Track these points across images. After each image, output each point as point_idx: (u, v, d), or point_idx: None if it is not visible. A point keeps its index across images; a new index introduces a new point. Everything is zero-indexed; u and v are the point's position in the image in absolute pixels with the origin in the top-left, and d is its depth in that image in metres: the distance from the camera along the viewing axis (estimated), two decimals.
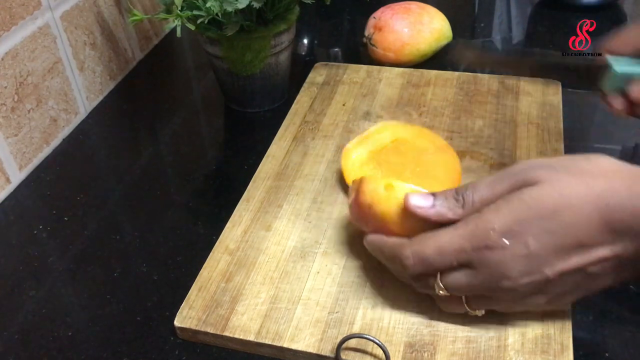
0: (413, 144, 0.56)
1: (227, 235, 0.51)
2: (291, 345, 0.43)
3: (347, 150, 0.55)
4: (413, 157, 0.55)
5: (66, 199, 0.59)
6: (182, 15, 0.57)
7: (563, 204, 0.35)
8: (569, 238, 0.36)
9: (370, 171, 0.54)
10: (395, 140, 0.56)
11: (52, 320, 0.48)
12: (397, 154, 0.55)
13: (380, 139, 0.56)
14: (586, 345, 0.43)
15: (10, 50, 0.58)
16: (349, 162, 0.54)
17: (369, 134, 0.57)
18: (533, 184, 0.37)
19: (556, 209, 0.35)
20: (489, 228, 0.37)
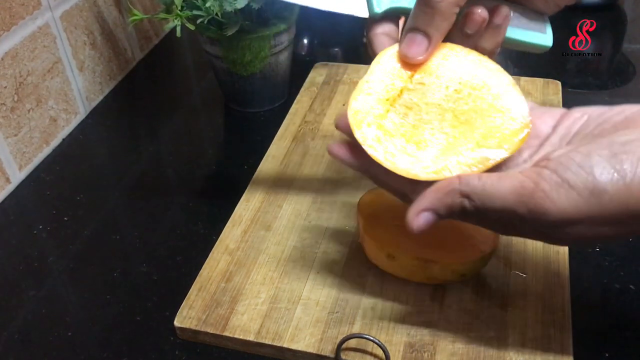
0: (442, 71, 0.37)
1: (227, 235, 0.51)
2: (291, 345, 0.43)
3: (354, 111, 0.37)
4: (447, 96, 0.36)
5: (66, 199, 0.59)
6: (182, 15, 0.57)
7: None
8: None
9: (393, 121, 0.36)
10: (412, 76, 0.37)
11: (52, 320, 0.48)
12: (422, 94, 0.37)
13: (390, 75, 0.38)
14: (586, 345, 0.43)
15: (10, 50, 0.58)
16: (360, 125, 0.36)
17: (371, 72, 0.38)
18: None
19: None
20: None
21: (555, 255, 0.47)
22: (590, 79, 0.71)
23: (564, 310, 0.43)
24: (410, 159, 0.34)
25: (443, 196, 0.33)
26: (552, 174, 0.30)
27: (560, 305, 0.44)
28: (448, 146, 0.35)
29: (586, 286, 0.47)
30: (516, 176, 0.31)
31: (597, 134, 0.33)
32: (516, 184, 0.31)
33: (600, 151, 0.30)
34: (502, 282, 0.46)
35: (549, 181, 0.30)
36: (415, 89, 0.36)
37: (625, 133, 0.31)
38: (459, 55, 0.37)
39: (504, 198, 0.31)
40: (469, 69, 0.37)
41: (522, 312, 0.43)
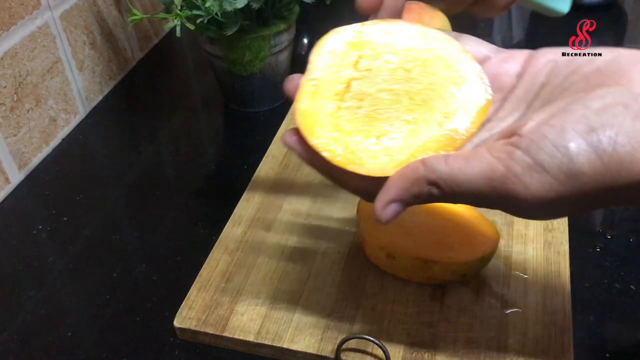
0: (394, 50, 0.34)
1: (227, 235, 0.51)
2: (291, 345, 0.42)
3: (302, 115, 0.33)
4: (398, 78, 0.33)
5: (65, 199, 0.59)
6: (182, 15, 0.57)
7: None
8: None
9: (346, 118, 0.32)
10: (357, 62, 0.34)
11: (52, 320, 0.48)
12: (372, 80, 0.33)
13: (334, 68, 0.34)
14: (587, 346, 0.43)
15: (9, 50, 0.57)
16: (312, 130, 0.32)
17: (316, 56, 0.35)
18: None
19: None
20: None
21: (555, 255, 0.47)
22: None
23: (565, 311, 0.43)
24: (374, 156, 0.31)
25: (409, 185, 0.30)
26: (524, 155, 0.27)
27: (560, 305, 0.44)
28: (410, 133, 0.32)
29: (587, 286, 0.47)
30: (485, 157, 0.28)
31: (567, 87, 0.30)
32: (485, 168, 0.28)
33: (575, 125, 0.27)
34: (503, 283, 0.45)
35: (521, 164, 0.27)
36: (363, 76, 0.33)
37: (599, 94, 0.28)
38: (401, 30, 0.34)
39: (473, 183, 0.28)
40: (415, 44, 0.34)
41: (522, 312, 0.43)
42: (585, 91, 0.29)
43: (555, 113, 0.28)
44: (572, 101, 0.28)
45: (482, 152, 0.29)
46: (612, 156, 0.26)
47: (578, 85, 0.30)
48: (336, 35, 0.35)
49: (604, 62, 0.30)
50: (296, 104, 0.32)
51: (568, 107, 0.28)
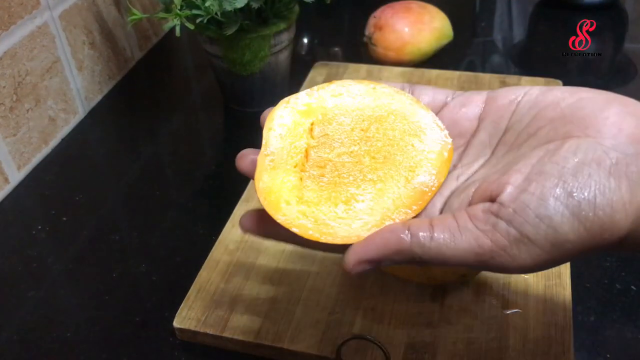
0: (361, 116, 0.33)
1: (227, 235, 0.51)
2: (291, 346, 0.42)
3: (265, 193, 0.31)
4: (355, 139, 0.33)
5: (65, 199, 0.59)
6: (182, 15, 0.57)
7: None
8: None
9: (310, 188, 0.31)
10: (312, 130, 0.33)
11: (51, 320, 0.47)
12: (330, 146, 0.33)
13: (288, 139, 0.34)
14: (587, 346, 0.43)
15: (9, 50, 0.57)
16: (278, 207, 0.31)
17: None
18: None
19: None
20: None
21: None
22: (592, 78, 0.71)
23: (565, 311, 0.43)
24: (346, 223, 0.30)
25: (391, 253, 0.29)
26: (508, 227, 0.27)
27: (561, 306, 0.43)
28: (378, 193, 0.31)
29: (587, 287, 0.47)
30: (470, 230, 0.28)
31: (533, 133, 0.30)
32: (473, 244, 0.27)
33: (554, 190, 0.26)
34: (503, 283, 0.45)
35: (506, 237, 0.27)
36: (320, 143, 0.32)
37: (570, 149, 0.27)
38: (350, 90, 0.34)
39: (461, 258, 0.28)
40: (366, 101, 0.33)
41: (523, 312, 0.43)
42: (554, 141, 0.28)
43: (530, 175, 0.28)
44: (544, 158, 0.28)
45: (465, 223, 0.28)
46: (593, 221, 0.26)
47: (545, 132, 0.29)
48: (286, 106, 0.34)
49: (567, 106, 0.29)
50: (256, 183, 0.31)
51: (543, 168, 0.27)
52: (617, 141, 0.27)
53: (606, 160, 0.27)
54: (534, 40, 0.80)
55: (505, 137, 0.32)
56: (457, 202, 0.31)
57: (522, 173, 0.28)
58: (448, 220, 0.28)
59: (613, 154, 0.27)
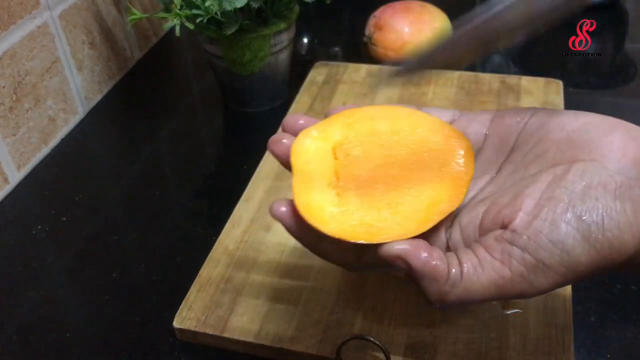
0: (398, 133, 0.35)
1: (227, 235, 0.51)
2: (291, 346, 0.42)
3: (305, 207, 0.32)
4: (397, 155, 0.34)
5: (65, 199, 0.59)
6: (181, 14, 0.57)
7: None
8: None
9: (354, 207, 0.32)
10: (335, 152, 0.34)
11: (51, 321, 0.47)
12: (357, 164, 0.34)
13: (315, 162, 0.34)
14: (587, 346, 0.43)
15: (8, 50, 0.57)
16: (322, 218, 0.31)
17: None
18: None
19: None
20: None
21: None
22: (592, 78, 0.71)
23: (565, 311, 0.43)
24: (394, 222, 0.31)
25: (429, 276, 0.29)
26: (524, 254, 0.28)
27: (561, 306, 0.43)
28: (417, 194, 0.32)
29: (588, 287, 0.47)
30: (490, 263, 0.29)
31: (540, 154, 0.31)
32: (494, 276, 0.28)
33: (564, 215, 0.28)
34: None
35: (523, 263, 0.28)
36: (346, 163, 0.33)
37: (577, 173, 0.29)
38: (364, 114, 0.35)
39: (484, 293, 0.29)
40: (377, 122, 0.35)
41: (523, 312, 0.43)
42: (561, 164, 0.30)
43: (541, 202, 0.29)
44: (553, 183, 0.29)
45: (484, 256, 0.29)
46: (603, 243, 0.27)
47: (551, 155, 0.30)
48: (305, 135, 0.35)
49: (573, 130, 0.31)
50: (296, 200, 0.32)
51: (553, 193, 0.29)
52: (621, 165, 0.28)
53: (612, 183, 0.28)
54: (534, 40, 0.80)
55: (512, 156, 0.32)
56: (466, 220, 0.31)
57: (533, 198, 0.29)
58: (468, 254, 0.29)
59: (618, 178, 0.28)
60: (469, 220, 0.31)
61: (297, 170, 0.33)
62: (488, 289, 0.28)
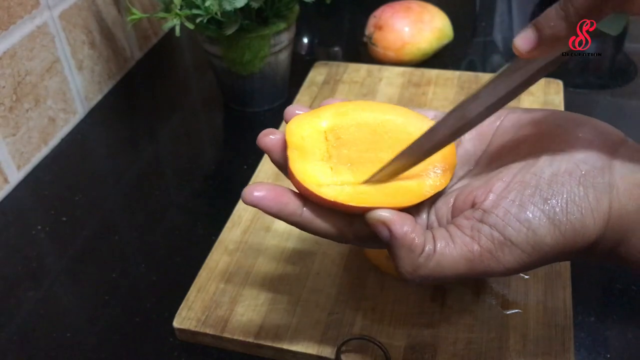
0: (387, 125, 0.37)
1: (227, 235, 0.51)
2: (291, 346, 0.42)
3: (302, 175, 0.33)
4: (385, 142, 0.36)
5: (64, 199, 0.58)
6: (181, 14, 0.57)
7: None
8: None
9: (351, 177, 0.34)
10: (326, 135, 0.36)
11: (51, 321, 0.47)
12: (348, 144, 0.35)
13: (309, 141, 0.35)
14: (588, 346, 0.43)
15: (8, 50, 0.57)
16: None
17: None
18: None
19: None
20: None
21: None
22: (592, 78, 0.71)
23: (566, 311, 0.43)
24: (380, 195, 0.33)
25: (408, 246, 0.30)
26: (492, 231, 0.29)
27: (561, 306, 0.43)
28: (404, 177, 0.34)
29: (587, 287, 0.47)
30: (460, 238, 0.30)
31: (514, 148, 0.33)
32: (464, 249, 0.30)
33: (532, 198, 0.29)
34: (503, 283, 0.45)
35: (491, 240, 0.29)
36: (338, 145, 0.35)
37: (546, 162, 0.31)
38: (349, 107, 0.37)
39: (455, 267, 0.30)
40: (366, 113, 0.36)
41: (523, 313, 0.43)
42: (533, 154, 0.31)
43: (511, 185, 0.30)
44: (523, 169, 0.31)
45: (455, 232, 0.31)
46: (566, 225, 0.29)
47: (525, 147, 0.32)
48: (299, 119, 0.36)
49: (546, 125, 0.33)
50: (291, 167, 0.33)
51: (523, 178, 0.30)
52: (587, 155, 0.30)
53: (577, 171, 0.30)
54: None
55: (488, 149, 0.35)
56: (441, 202, 0.34)
57: (503, 182, 0.31)
58: (441, 231, 0.31)
59: (583, 166, 0.30)
60: (443, 202, 0.33)
61: (292, 145, 0.34)
62: (458, 263, 0.30)
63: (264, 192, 0.32)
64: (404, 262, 0.30)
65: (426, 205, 0.34)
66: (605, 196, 0.29)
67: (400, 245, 0.30)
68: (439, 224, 0.33)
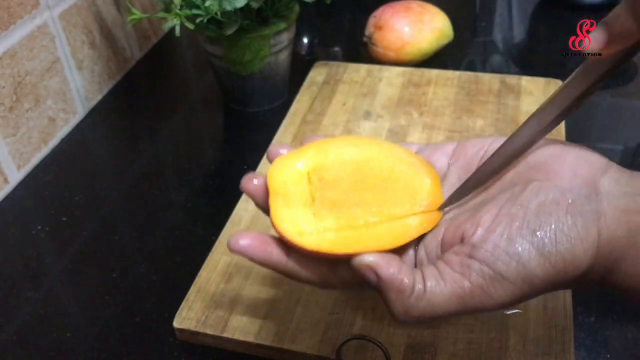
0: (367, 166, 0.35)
1: (227, 235, 0.51)
2: (291, 346, 0.42)
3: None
4: (370, 180, 0.35)
5: (64, 199, 0.58)
6: (181, 14, 0.57)
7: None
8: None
9: (334, 224, 0.33)
10: (309, 176, 0.35)
11: (51, 321, 0.47)
12: (331, 186, 0.34)
13: (292, 186, 0.34)
14: (587, 346, 0.43)
15: (8, 50, 0.57)
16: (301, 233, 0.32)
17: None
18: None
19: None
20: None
21: None
22: None
23: (566, 311, 0.43)
24: (370, 237, 0.32)
25: (396, 288, 0.30)
26: (482, 266, 0.29)
27: (561, 306, 0.43)
28: (392, 215, 0.33)
29: None
30: (450, 274, 0.30)
31: (499, 178, 0.33)
32: (455, 287, 0.29)
33: (520, 231, 0.29)
34: None
35: (482, 275, 0.29)
36: (321, 186, 0.34)
37: (533, 191, 0.30)
38: (333, 147, 0.36)
39: (446, 305, 0.30)
40: (350, 150, 0.36)
41: (523, 313, 0.43)
42: (519, 185, 0.31)
43: (498, 217, 0.30)
44: (510, 201, 0.31)
45: (444, 269, 0.30)
46: (556, 256, 0.29)
47: (510, 177, 0.32)
48: (280, 162, 0.35)
49: (530, 154, 0.33)
50: (273, 218, 0.32)
51: (510, 210, 0.30)
52: (573, 184, 0.30)
53: (564, 200, 0.30)
54: (534, 40, 0.80)
55: (475, 176, 0.34)
56: (430, 237, 0.33)
57: (491, 214, 0.31)
58: (430, 269, 0.30)
59: (569, 195, 0.30)
60: (432, 237, 0.33)
61: (274, 192, 0.33)
62: (450, 301, 0.29)
63: (249, 240, 0.32)
64: (394, 304, 0.30)
65: (413, 243, 0.33)
66: (593, 224, 0.29)
67: (389, 288, 0.30)
68: (428, 259, 0.32)
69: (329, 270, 0.32)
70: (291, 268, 0.33)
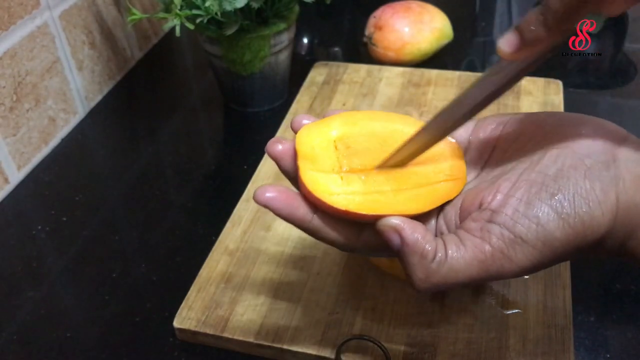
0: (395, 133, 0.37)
1: (227, 235, 0.51)
2: (291, 346, 0.42)
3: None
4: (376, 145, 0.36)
5: (65, 199, 0.59)
6: (181, 15, 0.57)
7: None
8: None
9: (363, 187, 0.34)
10: (336, 145, 0.35)
11: (51, 321, 0.47)
12: (357, 153, 0.35)
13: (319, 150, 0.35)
14: (587, 346, 0.43)
15: (8, 50, 0.57)
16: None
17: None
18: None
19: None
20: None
21: None
22: (592, 78, 0.71)
23: (565, 311, 0.43)
24: (391, 203, 0.33)
25: (416, 251, 0.30)
26: (502, 230, 0.29)
27: (561, 305, 0.43)
28: (415, 186, 0.34)
29: (587, 287, 0.47)
30: (471, 240, 0.30)
31: (518, 149, 0.33)
32: (476, 251, 0.30)
33: (539, 195, 0.30)
34: (503, 283, 0.45)
35: (502, 239, 0.29)
36: (348, 154, 0.35)
37: (551, 159, 0.31)
38: (361, 115, 0.37)
39: (468, 271, 0.30)
40: (374, 123, 0.37)
41: (523, 312, 0.43)
42: (537, 153, 0.32)
43: (517, 184, 0.31)
44: (529, 168, 0.31)
45: (464, 235, 0.30)
46: (575, 219, 0.29)
47: (529, 148, 0.33)
48: (309, 128, 0.36)
49: (549, 125, 0.33)
50: (303, 177, 0.33)
51: (529, 176, 0.31)
52: (591, 150, 0.31)
53: (582, 165, 0.30)
54: None
55: (494, 153, 0.35)
56: (451, 208, 0.33)
57: (510, 181, 0.31)
58: (451, 237, 0.31)
59: (588, 161, 0.30)
60: (451, 207, 0.33)
61: (302, 155, 0.34)
62: (471, 265, 0.30)
63: (276, 193, 0.32)
64: (416, 269, 0.30)
65: (435, 212, 0.34)
66: (612, 189, 0.29)
67: (412, 252, 0.30)
68: (447, 229, 0.33)
69: (353, 232, 0.33)
70: (316, 226, 0.33)
